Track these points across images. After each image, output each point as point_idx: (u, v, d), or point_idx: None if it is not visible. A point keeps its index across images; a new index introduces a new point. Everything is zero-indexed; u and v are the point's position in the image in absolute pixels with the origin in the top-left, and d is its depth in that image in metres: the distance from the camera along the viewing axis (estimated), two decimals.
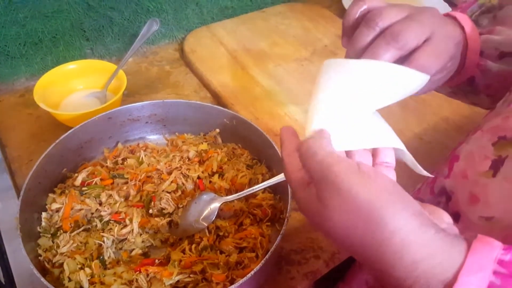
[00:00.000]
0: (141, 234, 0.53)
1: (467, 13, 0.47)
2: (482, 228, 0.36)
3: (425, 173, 0.35)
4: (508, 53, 0.44)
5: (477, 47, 0.43)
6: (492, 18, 0.46)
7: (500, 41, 0.44)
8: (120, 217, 0.53)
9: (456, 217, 0.39)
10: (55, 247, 0.50)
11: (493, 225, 0.36)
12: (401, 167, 0.35)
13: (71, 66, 0.72)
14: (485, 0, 0.47)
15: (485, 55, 0.44)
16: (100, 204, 0.55)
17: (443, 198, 0.42)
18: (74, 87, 0.74)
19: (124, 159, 0.62)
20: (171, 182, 0.57)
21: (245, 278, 0.42)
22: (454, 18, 0.43)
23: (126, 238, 0.52)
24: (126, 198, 0.56)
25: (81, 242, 0.50)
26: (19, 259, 0.52)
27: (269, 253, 0.44)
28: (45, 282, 0.41)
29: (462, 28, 0.42)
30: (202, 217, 0.53)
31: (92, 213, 0.54)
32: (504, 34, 0.44)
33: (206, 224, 0.52)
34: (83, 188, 0.56)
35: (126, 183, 0.57)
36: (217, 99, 0.77)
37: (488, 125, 0.40)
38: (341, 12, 1.01)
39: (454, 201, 0.40)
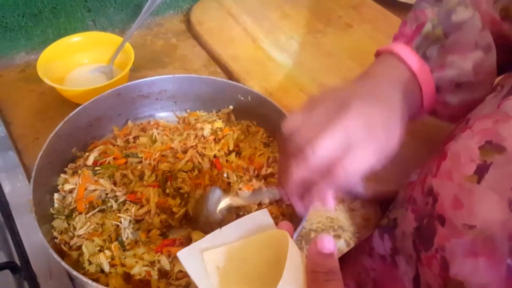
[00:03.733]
0: (158, 214, 0.51)
1: (413, 47, 0.45)
2: (466, 236, 0.35)
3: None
4: (464, 83, 0.44)
5: (431, 81, 0.44)
6: (441, 48, 0.45)
7: (453, 76, 0.44)
8: (136, 197, 0.51)
9: (442, 221, 0.38)
10: (71, 229, 0.48)
11: (476, 234, 0.35)
12: None
13: (75, 38, 0.68)
14: (428, 31, 0.45)
15: (443, 90, 0.45)
16: (115, 184, 0.53)
17: (430, 199, 0.40)
18: (78, 61, 0.70)
19: (135, 138, 0.59)
20: (187, 161, 0.55)
21: None
22: (398, 56, 0.44)
23: (143, 219, 0.51)
24: (141, 178, 0.54)
25: (97, 224, 0.49)
26: (32, 241, 0.50)
27: (296, 233, 0.43)
28: (66, 266, 0.40)
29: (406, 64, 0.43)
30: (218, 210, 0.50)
31: (107, 194, 0.52)
32: (457, 67, 0.43)
33: (221, 216, 0.49)
34: (96, 168, 0.54)
35: (140, 162, 0.55)
36: (228, 74, 0.74)
37: (479, 126, 0.38)
38: None
39: (440, 204, 0.39)
